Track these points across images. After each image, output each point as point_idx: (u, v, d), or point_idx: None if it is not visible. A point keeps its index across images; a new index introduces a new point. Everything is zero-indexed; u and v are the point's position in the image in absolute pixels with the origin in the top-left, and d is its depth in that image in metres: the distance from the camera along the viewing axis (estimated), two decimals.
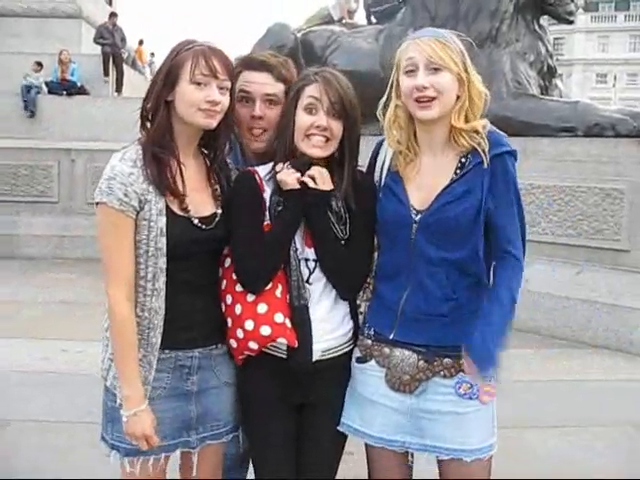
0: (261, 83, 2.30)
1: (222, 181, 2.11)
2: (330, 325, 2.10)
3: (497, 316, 1.95)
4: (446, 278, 1.99)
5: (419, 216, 1.99)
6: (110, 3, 17.53)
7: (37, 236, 8.76)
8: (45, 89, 12.83)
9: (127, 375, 1.92)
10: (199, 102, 1.93)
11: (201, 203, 2.02)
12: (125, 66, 15.39)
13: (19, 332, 5.38)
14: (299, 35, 8.28)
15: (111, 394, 2.00)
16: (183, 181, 1.97)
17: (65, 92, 12.90)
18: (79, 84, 13.25)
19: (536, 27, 7.05)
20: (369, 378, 2.09)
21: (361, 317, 2.18)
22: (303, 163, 2.07)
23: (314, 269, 2.09)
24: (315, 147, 2.06)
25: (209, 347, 2.07)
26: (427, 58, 1.92)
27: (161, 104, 1.95)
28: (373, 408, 2.09)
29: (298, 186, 2.03)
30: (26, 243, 8.72)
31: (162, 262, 1.92)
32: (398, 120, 2.04)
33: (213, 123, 1.97)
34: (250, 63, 2.35)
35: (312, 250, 2.09)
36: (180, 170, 1.97)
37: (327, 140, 2.06)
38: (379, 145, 2.18)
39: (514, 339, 2.12)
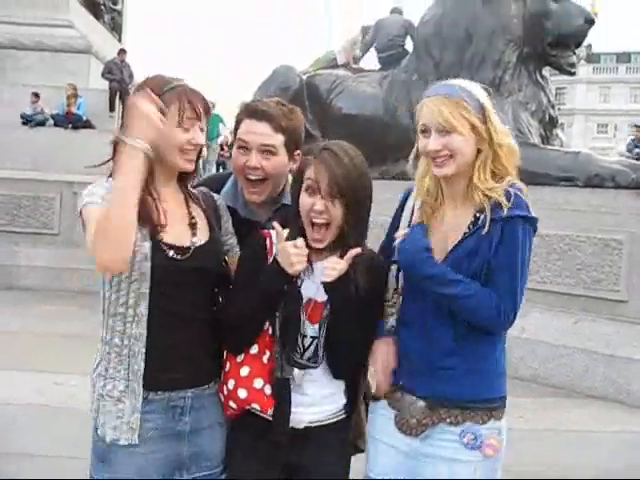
0: (259, 133, 2.29)
1: (205, 212, 2.13)
2: (317, 402, 2.09)
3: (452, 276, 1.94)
4: (453, 331, 1.99)
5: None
6: (120, 40, 17.75)
7: (36, 267, 8.75)
8: (51, 121, 12.93)
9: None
10: (183, 144, 1.96)
11: (178, 233, 2.01)
12: None
13: (12, 364, 5.31)
14: (304, 77, 8.39)
15: (101, 437, 1.97)
16: (162, 213, 1.97)
17: (70, 125, 13.01)
18: (84, 118, 13.36)
19: (538, 77, 7.15)
20: (379, 418, 2.13)
21: None
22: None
23: (309, 346, 2.04)
24: (315, 240, 2.02)
25: (201, 387, 2.05)
26: (437, 121, 1.94)
27: None
28: (379, 447, 2.12)
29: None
30: (25, 274, 8.70)
31: (145, 287, 1.91)
32: (430, 173, 2.04)
33: (192, 166, 2.02)
34: (251, 111, 2.33)
35: (315, 327, 2.05)
36: (156, 204, 1.97)
37: (328, 225, 2.00)
38: (406, 196, 2.21)
39: (510, 387, 2.13)
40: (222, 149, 19.30)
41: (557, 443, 4.51)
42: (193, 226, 2.06)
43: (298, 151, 2.36)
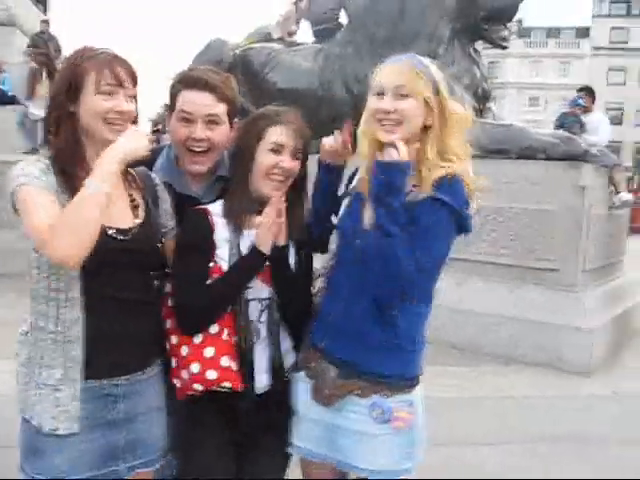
0: (203, 104, 2.22)
1: (144, 192, 2.05)
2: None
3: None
4: (376, 303, 2.00)
5: (359, 239, 2.01)
6: (45, 12, 17.13)
7: None
8: None
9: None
10: (105, 112, 1.86)
11: (118, 214, 1.93)
12: None
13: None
14: (238, 52, 8.26)
15: (31, 425, 1.89)
16: None
17: None
18: (10, 94, 12.88)
19: (471, 51, 7.21)
20: (299, 388, 2.16)
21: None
22: (259, 203, 2.11)
23: (266, 307, 2.11)
24: (274, 189, 2.10)
25: (135, 373, 1.99)
26: (396, 84, 1.94)
27: (63, 116, 1.87)
28: (301, 419, 2.15)
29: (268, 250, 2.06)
30: None
31: (75, 270, 1.81)
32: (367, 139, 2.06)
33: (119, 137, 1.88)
34: (191, 82, 2.25)
35: (270, 289, 2.11)
36: None
37: (286, 179, 2.12)
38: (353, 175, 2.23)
39: (447, 356, 2.15)
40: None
41: (496, 410, 4.62)
42: (135, 208, 1.99)
43: (236, 119, 2.33)
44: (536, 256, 6.07)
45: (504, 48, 7.70)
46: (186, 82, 2.27)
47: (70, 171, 1.87)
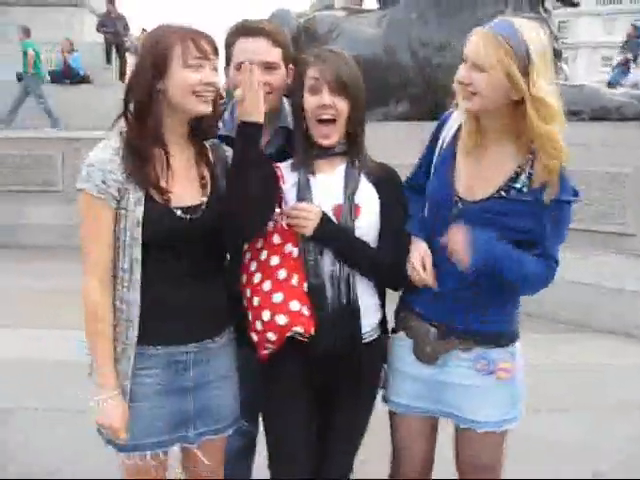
0: (260, 51, 2.28)
1: (213, 167, 2.07)
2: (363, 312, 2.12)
3: (514, 257, 1.99)
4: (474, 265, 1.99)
5: (460, 204, 2.03)
6: None
7: (41, 225, 8.74)
8: (48, 78, 12.80)
9: (99, 363, 1.92)
10: (195, 85, 1.88)
11: (187, 193, 1.97)
12: (128, 54, 15.34)
13: (11, 320, 5.32)
14: (302, 21, 8.22)
15: None
16: (169, 173, 1.92)
17: (69, 81, 12.88)
18: (82, 73, 13.22)
19: (540, 10, 6.98)
20: (399, 349, 2.21)
21: None
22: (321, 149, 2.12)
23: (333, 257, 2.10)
24: (323, 136, 2.10)
25: (205, 341, 2.03)
26: (472, 55, 1.89)
27: (152, 94, 1.89)
28: (401, 377, 2.21)
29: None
30: (30, 232, 8.69)
31: (137, 252, 1.88)
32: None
33: (209, 108, 1.94)
34: (246, 30, 2.32)
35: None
36: (167, 162, 1.92)
37: (334, 121, 2.08)
38: (443, 121, 2.19)
39: (524, 323, 2.17)
40: None
41: (572, 378, 4.53)
42: (204, 185, 2.02)
43: (291, 65, 2.38)
44: (610, 220, 5.88)
45: (576, 5, 7.44)
46: (240, 31, 2.32)
47: (144, 151, 1.90)
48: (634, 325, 5.52)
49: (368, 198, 2.13)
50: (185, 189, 1.97)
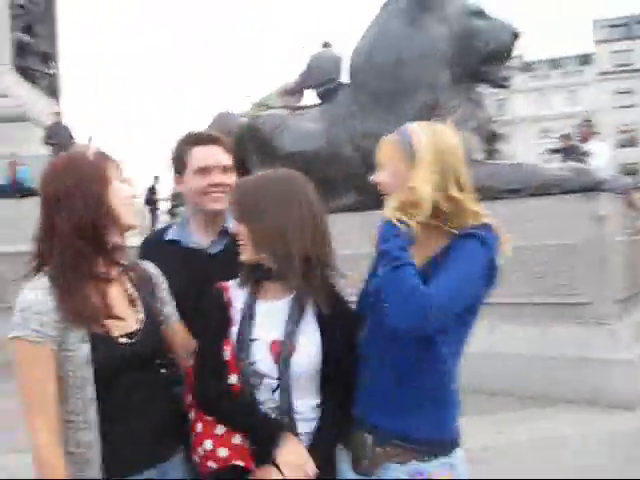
0: (218, 157, 2.51)
1: (138, 285, 2.05)
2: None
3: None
4: (405, 359, 1.97)
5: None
6: (58, 102, 17.68)
7: None
8: None
9: None
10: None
11: (125, 318, 1.93)
12: None
13: None
14: (246, 120, 8.39)
15: None
16: (107, 303, 1.88)
17: (18, 195, 12.82)
18: (32, 186, 13.18)
19: (474, 95, 7.25)
20: (340, 460, 2.12)
21: None
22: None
23: (277, 387, 2.04)
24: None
25: (160, 464, 1.98)
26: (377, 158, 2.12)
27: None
28: None
29: None
30: None
31: (90, 392, 1.80)
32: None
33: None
34: (200, 139, 2.54)
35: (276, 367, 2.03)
36: (103, 298, 1.88)
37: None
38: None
39: (486, 402, 2.12)
40: None
41: (544, 453, 4.48)
42: (132, 302, 1.98)
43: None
44: (564, 291, 5.97)
45: (506, 87, 7.73)
46: (193, 140, 2.54)
47: (78, 285, 1.85)
48: (597, 392, 5.52)
49: (309, 338, 2.07)
50: (122, 314, 1.93)
